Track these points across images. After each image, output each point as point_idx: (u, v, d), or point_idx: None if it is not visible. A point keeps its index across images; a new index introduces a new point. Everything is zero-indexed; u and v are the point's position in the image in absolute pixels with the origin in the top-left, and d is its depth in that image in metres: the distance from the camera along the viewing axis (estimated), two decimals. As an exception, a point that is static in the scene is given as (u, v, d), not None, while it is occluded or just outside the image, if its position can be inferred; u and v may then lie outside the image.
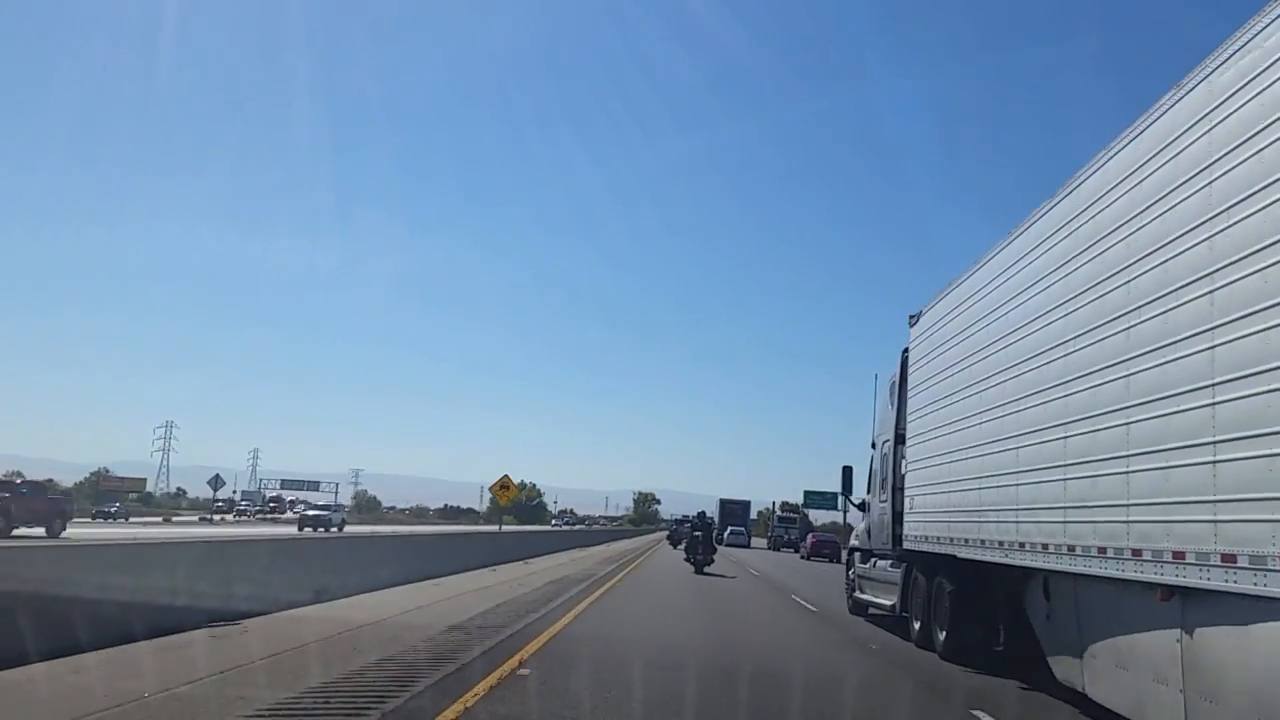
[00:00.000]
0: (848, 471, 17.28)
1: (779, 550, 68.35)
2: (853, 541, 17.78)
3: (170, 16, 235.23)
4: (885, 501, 14.46)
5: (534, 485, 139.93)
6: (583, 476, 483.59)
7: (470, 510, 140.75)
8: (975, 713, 7.84)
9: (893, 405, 14.55)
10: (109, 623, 8.32)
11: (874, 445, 16.00)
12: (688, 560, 28.12)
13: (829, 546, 52.15)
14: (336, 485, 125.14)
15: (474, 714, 6.57)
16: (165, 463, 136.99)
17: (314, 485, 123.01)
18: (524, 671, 8.34)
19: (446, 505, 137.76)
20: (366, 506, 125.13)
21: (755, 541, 76.65)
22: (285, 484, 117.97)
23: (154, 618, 8.97)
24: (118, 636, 8.25)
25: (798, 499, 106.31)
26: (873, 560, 15.59)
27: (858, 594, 16.44)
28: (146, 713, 6.10)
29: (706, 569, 26.68)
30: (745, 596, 20.95)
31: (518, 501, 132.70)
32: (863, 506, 16.74)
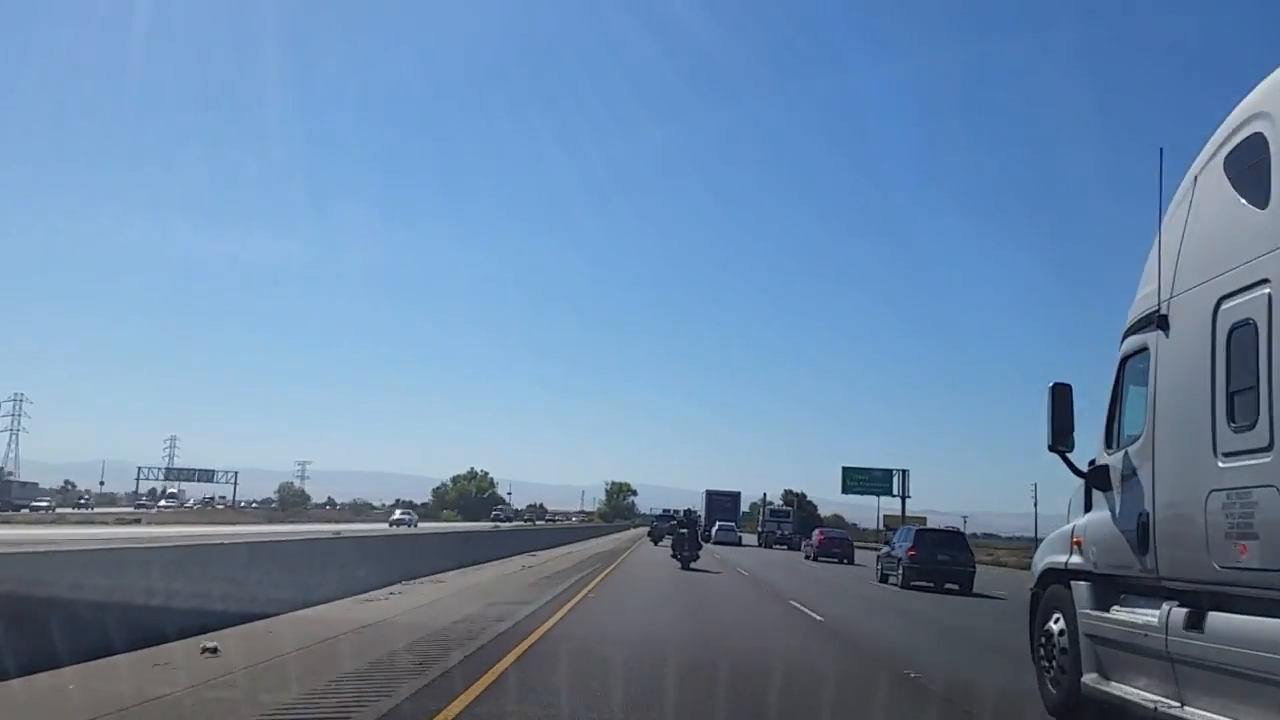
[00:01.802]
0: (1064, 394, 7.65)
1: (770, 547, 60.81)
2: (1050, 558, 8.30)
3: (142, 7, 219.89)
4: (1269, 451, 5.20)
5: (486, 474, 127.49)
6: (559, 472, 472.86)
7: (424, 504, 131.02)
8: None
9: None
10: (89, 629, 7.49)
11: (1163, 323, 6.66)
12: (674, 557, 29.43)
13: (840, 545, 43.62)
14: (235, 474, 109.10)
15: None
16: (14, 446, 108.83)
17: (207, 475, 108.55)
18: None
19: (398, 500, 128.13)
20: (291, 501, 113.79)
21: (746, 538, 68.58)
22: (170, 474, 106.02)
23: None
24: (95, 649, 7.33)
25: (777, 494, 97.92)
26: (1165, 607, 6.24)
27: (1097, 679, 7.05)
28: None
29: (692, 565, 27.81)
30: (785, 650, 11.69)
31: (464, 494, 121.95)
32: (1101, 480, 7.43)
